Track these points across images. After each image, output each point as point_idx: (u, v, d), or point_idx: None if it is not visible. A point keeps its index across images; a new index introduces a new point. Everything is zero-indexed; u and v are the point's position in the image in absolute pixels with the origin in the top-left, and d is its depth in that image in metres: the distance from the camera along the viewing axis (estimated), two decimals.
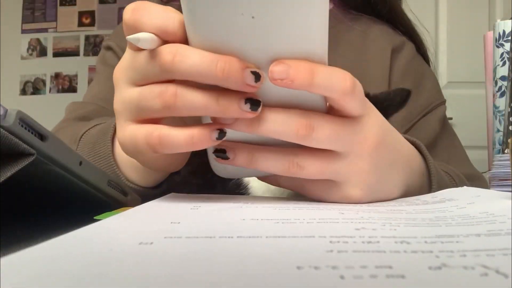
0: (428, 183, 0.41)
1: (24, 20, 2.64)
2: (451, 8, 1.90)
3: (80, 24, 2.60)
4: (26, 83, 2.61)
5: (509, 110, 0.46)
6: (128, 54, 0.29)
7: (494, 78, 0.55)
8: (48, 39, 2.62)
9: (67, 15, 2.61)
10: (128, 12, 0.27)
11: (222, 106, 0.26)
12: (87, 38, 2.60)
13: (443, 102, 0.64)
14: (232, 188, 0.40)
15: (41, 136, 0.24)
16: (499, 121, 0.53)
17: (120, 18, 2.54)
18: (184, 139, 0.27)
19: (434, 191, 0.38)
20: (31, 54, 2.62)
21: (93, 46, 2.59)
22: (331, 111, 0.29)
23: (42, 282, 0.11)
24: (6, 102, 0.27)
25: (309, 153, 0.28)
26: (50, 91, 2.60)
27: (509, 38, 0.53)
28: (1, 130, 0.21)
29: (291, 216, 0.23)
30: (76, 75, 2.59)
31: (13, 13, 2.61)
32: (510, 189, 0.37)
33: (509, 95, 0.47)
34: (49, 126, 0.26)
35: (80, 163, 0.27)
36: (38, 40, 2.62)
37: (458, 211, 0.24)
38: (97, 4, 2.59)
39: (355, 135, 0.29)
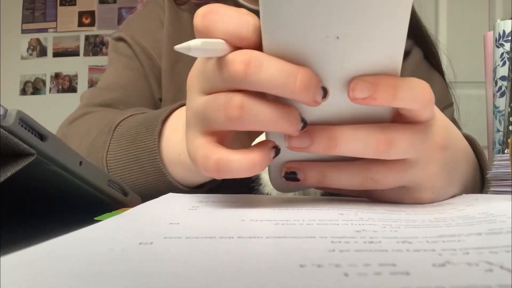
0: (480, 178, 0.41)
1: (24, 20, 2.63)
2: (451, 8, 1.90)
3: (80, 24, 2.60)
4: (26, 83, 2.61)
5: (509, 110, 0.46)
6: (199, 60, 0.27)
7: (494, 78, 0.55)
8: (48, 39, 2.62)
9: (67, 15, 2.61)
10: (199, 17, 0.24)
11: (291, 123, 0.24)
12: (87, 38, 2.60)
13: (450, 104, 0.65)
14: (243, 183, 0.40)
15: (41, 136, 0.24)
16: (499, 121, 0.53)
17: (120, 18, 2.54)
18: (247, 166, 0.25)
19: (488, 187, 0.39)
20: (31, 54, 2.62)
21: (93, 46, 2.59)
22: (397, 116, 0.27)
23: (42, 282, 0.11)
24: (6, 102, 0.27)
25: (382, 165, 0.27)
26: (50, 91, 2.59)
27: (509, 38, 0.53)
28: (1, 130, 0.21)
29: (290, 217, 0.23)
30: (76, 75, 2.59)
31: (13, 13, 2.61)
32: (510, 189, 0.37)
33: (509, 95, 0.47)
34: (49, 126, 0.25)
35: (80, 163, 0.27)
36: (38, 40, 2.62)
37: (458, 212, 0.24)
38: (97, 4, 2.58)
39: (427, 141, 0.28)
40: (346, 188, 0.29)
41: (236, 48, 0.24)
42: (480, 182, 0.41)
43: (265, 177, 0.40)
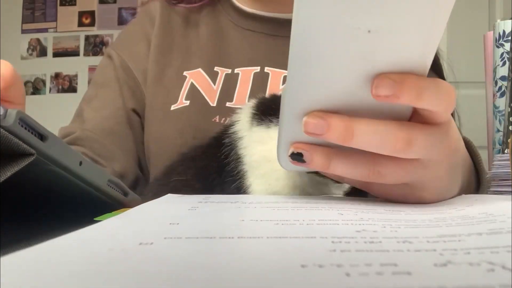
0: (476, 179, 0.41)
1: (24, 20, 2.63)
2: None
3: (80, 24, 2.60)
4: (26, 83, 2.60)
5: (509, 110, 0.45)
6: None
7: (494, 78, 0.55)
8: (48, 39, 2.62)
9: (67, 15, 2.61)
10: None
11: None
12: (87, 38, 2.59)
13: None
14: (232, 193, 0.40)
15: (41, 136, 0.24)
16: (499, 121, 0.53)
17: (120, 18, 2.54)
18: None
19: (483, 188, 0.39)
20: (31, 54, 2.62)
21: (93, 46, 2.59)
22: (414, 114, 0.27)
23: (42, 282, 0.11)
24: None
25: (391, 161, 0.27)
26: (50, 91, 2.59)
27: (509, 38, 0.53)
28: (1, 130, 0.21)
29: (290, 217, 0.23)
30: (76, 75, 2.59)
31: (13, 13, 2.61)
32: (510, 189, 0.37)
33: (509, 95, 0.47)
34: (49, 126, 0.25)
35: (80, 163, 0.27)
36: (38, 40, 2.62)
37: (457, 212, 0.24)
38: (97, 4, 2.58)
39: (441, 144, 0.27)
40: (350, 177, 0.28)
41: None
42: (475, 184, 0.41)
43: (255, 189, 0.40)
